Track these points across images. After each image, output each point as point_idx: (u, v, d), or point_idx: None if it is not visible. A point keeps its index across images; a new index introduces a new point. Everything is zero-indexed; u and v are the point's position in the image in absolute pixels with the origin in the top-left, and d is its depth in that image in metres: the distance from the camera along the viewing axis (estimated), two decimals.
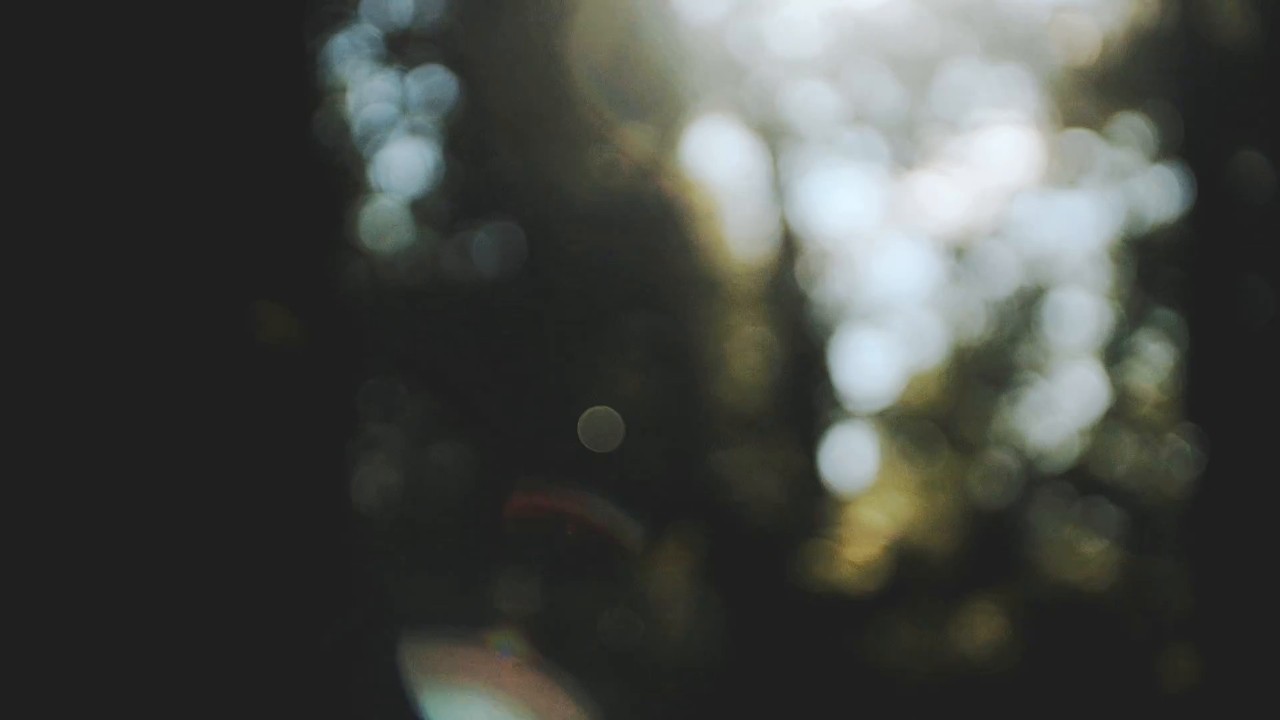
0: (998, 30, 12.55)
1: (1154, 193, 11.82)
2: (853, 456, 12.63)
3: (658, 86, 11.37)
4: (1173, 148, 11.11)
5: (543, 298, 10.88)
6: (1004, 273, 12.62)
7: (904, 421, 12.77)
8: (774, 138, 12.38)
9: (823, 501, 12.03)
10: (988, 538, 12.11)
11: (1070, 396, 12.47)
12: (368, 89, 11.01)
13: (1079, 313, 12.46)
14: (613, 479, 10.41)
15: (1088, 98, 11.84)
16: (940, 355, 12.89)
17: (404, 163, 11.25)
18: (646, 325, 11.34)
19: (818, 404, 12.41)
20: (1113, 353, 12.35)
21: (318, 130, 5.60)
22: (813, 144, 12.57)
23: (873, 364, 13.68)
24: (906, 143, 12.65)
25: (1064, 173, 12.30)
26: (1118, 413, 12.41)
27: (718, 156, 12.31)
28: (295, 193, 5.36)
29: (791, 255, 12.38)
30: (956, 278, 12.73)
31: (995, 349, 12.68)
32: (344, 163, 10.49)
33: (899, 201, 12.79)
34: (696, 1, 12.21)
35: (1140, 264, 12.09)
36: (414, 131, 11.16)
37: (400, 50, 11.02)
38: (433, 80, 11.15)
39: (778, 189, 12.35)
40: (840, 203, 14.92)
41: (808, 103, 12.52)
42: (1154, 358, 12.26)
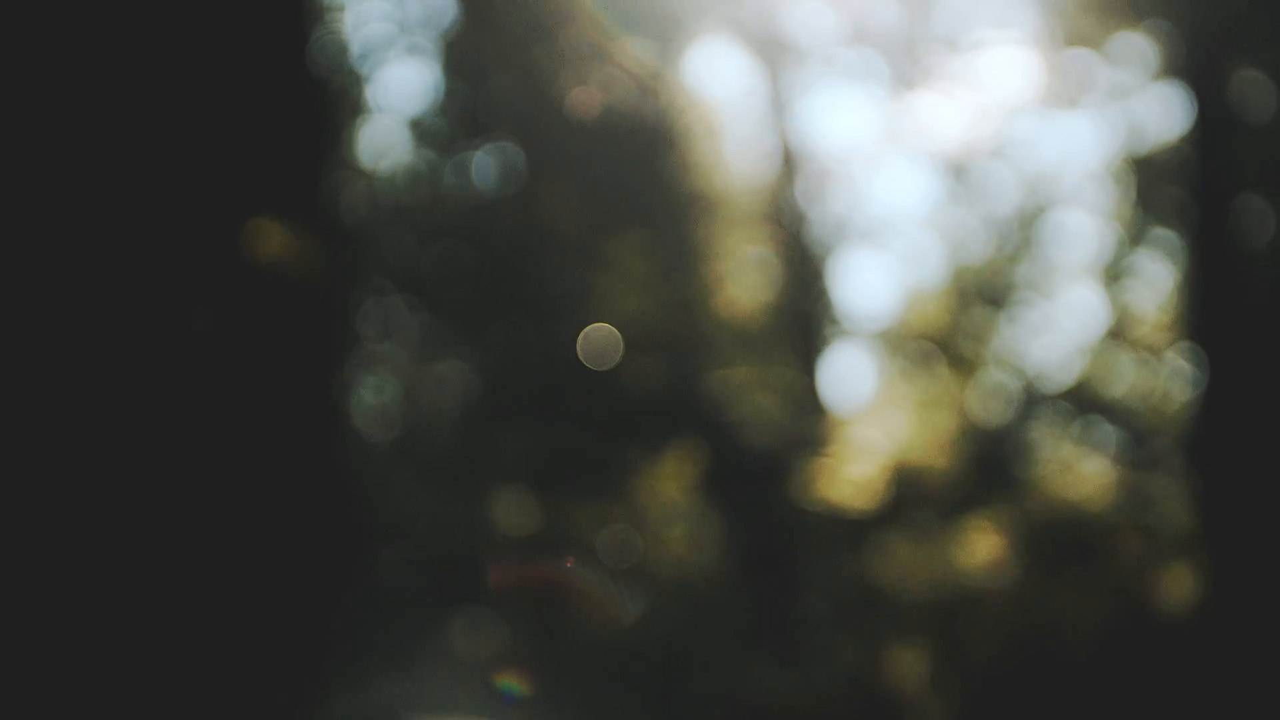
0: None
1: (1155, 112, 11.78)
2: (852, 375, 12.64)
3: (658, 3, 11.34)
4: (1174, 67, 11.08)
5: (542, 216, 10.87)
6: (1004, 192, 12.59)
7: (903, 340, 12.77)
8: (774, 56, 12.33)
9: (822, 420, 12.05)
10: (987, 456, 12.12)
11: (1070, 316, 12.46)
12: (365, 8, 10.97)
13: (1079, 232, 12.44)
14: (611, 396, 10.44)
15: (1088, 16, 11.79)
16: (940, 275, 12.87)
17: (403, 82, 11.23)
18: (646, 243, 11.34)
19: (817, 323, 12.41)
20: (1113, 272, 12.34)
21: (316, 50, 5.59)
22: (813, 62, 12.52)
23: (872, 283, 13.67)
24: (907, 62, 12.59)
25: (1064, 92, 12.25)
26: (1118, 332, 12.41)
27: (717, 74, 12.28)
28: (293, 112, 5.36)
29: (791, 174, 12.35)
30: (956, 197, 12.70)
31: (995, 268, 12.66)
32: (342, 82, 10.47)
33: (899, 121, 12.75)
34: None
35: (1141, 184, 12.06)
36: (412, 50, 11.12)
37: None
38: None
39: (777, 108, 12.32)
40: (840, 122, 14.89)
41: (808, 21, 12.47)
42: (1154, 277, 12.25)
